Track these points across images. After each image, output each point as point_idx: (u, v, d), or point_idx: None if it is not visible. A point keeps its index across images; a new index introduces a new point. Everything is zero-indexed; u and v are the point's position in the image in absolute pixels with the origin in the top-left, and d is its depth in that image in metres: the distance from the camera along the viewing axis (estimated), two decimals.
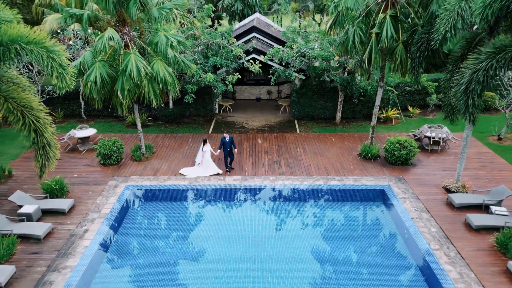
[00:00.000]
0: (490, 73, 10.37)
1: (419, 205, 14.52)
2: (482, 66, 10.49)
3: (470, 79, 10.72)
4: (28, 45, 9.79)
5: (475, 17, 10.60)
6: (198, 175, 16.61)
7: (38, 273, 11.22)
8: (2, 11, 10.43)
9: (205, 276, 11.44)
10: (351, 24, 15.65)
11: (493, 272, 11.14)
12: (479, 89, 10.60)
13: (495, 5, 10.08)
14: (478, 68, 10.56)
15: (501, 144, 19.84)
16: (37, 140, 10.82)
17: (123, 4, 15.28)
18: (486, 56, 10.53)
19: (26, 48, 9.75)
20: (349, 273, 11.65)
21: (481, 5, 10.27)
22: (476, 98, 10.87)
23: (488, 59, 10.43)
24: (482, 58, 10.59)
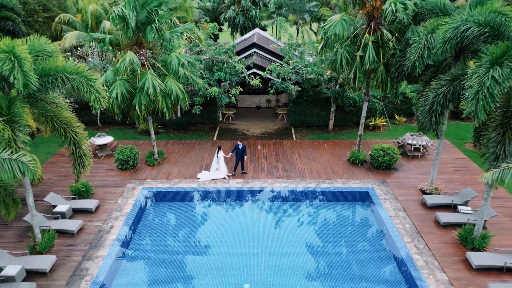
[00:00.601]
0: (448, 96, 12.65)
1: (397, 205, 16.80)
2: (442, 91, 12.77)
3: (433, 101, 13.00)
4: (72, 75, 12.06)
5: (437, 50, 12.87)
6: (213, 178, 18.84)
7: (75, 262, 13.50)
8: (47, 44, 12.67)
9: (211, 264, 13.73)
10: (340, 46, 17.92)
11: (454, 261, 13.42)
12: (439, 110, 12.89)
13: (453, 42, 12.35)
14: (438, 92, 12.84)
15: (476, 150, 22.08)
16: (76, 151, 13.09)
17: (141, 30, 17.56)
18: (445, 83, 12.81)
19: (70, 77, 12.03)
20: (336, 261, 13.95)
21: (441, 41, 12.53)
22: (438, 117, 13.15)
23: (447, 85, 12.72)
24: (442, 84, 12.88)
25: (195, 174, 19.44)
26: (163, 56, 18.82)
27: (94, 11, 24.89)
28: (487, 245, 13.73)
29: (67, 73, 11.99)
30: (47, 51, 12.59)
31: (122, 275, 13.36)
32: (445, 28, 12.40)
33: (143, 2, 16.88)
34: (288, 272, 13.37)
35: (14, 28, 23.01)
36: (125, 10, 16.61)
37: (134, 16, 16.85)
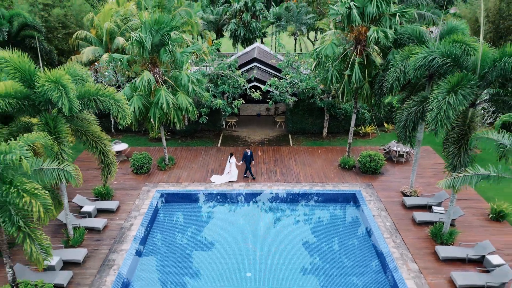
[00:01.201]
0: (418, 114, 15.04)
1: (380, 206, 19.19)
2: (413, 110, 15.17)
3: (406, 118, 15.39)
4: (103, 97, 14.45)
5: (410, 75, 15.26)
6: (226, 181, 21.21)
7: (103, 254, 15.90)
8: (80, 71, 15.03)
9: (217, 255, 16.12)
10: (331, 65, 20.29)
11: (424, 253, 15.80)
12: (412, 125, 15.28)
13: (422, 69, 14.73)
14: (411, 111, 15.23)
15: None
16: (104, 160, 15.47)
17: (155, 51, 19.93)
18: (416, 103, 15.20)
19: (102, 99, 14.41)
20: (325, 253, 16.34)
21: (412, 67, 14.90)
22: (411, 131, 15.54)
23: (417, 105, 15.11)
24: (414, 104, 15.27)
25: (202, 178, 21.83)
26: (173, 73, 21.21)
27: (109, 28, 27.25)
28: (454, 240, 16.13)
29: (99, 96, 14.38)
30: (81, 76, 14.96)
31: (143, 265, 15.77)
32: (416, 57, 14.77)
33: (157, 27, 19.25)
34: (284, 263, 15.76)
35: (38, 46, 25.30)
36: (142, 35, 18.97)
37: (150, 39, 19.23)
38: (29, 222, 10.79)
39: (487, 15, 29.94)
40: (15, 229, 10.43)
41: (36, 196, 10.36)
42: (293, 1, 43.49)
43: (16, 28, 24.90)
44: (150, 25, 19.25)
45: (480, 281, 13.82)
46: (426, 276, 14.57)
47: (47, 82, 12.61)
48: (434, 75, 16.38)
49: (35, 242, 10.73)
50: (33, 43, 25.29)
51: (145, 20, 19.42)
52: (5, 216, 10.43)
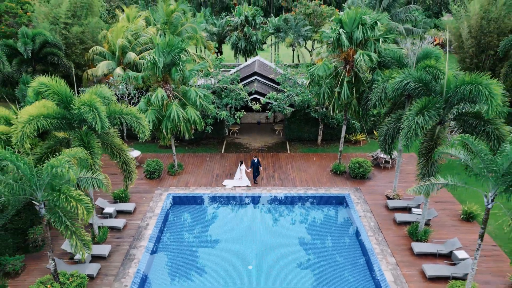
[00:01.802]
0: (396, 130, 17.55)
1: (366, 208, 21.72)
2: (391, 126, 17.69)
3: (385, 133, 17.92)
4: (126, 115, 16.96)
5: (389, 95, 17.78)
6: (236, 185, 23.69)
7: (124, 249, 18.42)
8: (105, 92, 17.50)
9: (222, 250, 18.64)
10: (323, 81, 22.79)
11: (402, 249, 18.32)
12: (390, 139, 17.80)
13: (398, 91, 17.24)
14: (389, 127, 17.76)
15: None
16: (126, 169, 17.98)
17: (167, 70, 22.43)
18: (393, 120, 17.73)
19: (125, 117, 16.92)
20: (317, 248, 18.87)
21: (391, 89, 17.41)
22: (390, 144, 18.06)
23: (394, 122, 17.63)
24: (392, 121, 17.79)
25: (208, 182, 24.35)
26: (182, 88, 23.73)
27: (122, 44, 29.76)
28: (428, 237, 18.64)
29: (123, 114, 16.91)
30: (107, 97, 17.46)
31: (158, 258, 18.30)
32: (394, 81, 17.29)
33: (169, 49, 21.75)
34: (280, 256, 18.28)
35: (59, 62, 27.89)
36: (156, 57, 21.47)
37: (162, 60, 21.73)
38: (73, 222, 13.30)
39: (469, 31, 32.46)
40: (63, 227, 12.95)
41: (80, 201, 12.89)
42: (292, 14, 46.03)
43: (38, 45, 27.37)
44: (162, 47, 21.74)
45: (447, 272, 16.34)
46: (402, 268, 17.10)
47: (83, 105, 15.12)
48: (410, 95, 18.90)
49: (79, 238, 13.25)
50: (54, 59, 27.78)
51: (158, 43, 21.90)
52: (55, 217, 12.95)
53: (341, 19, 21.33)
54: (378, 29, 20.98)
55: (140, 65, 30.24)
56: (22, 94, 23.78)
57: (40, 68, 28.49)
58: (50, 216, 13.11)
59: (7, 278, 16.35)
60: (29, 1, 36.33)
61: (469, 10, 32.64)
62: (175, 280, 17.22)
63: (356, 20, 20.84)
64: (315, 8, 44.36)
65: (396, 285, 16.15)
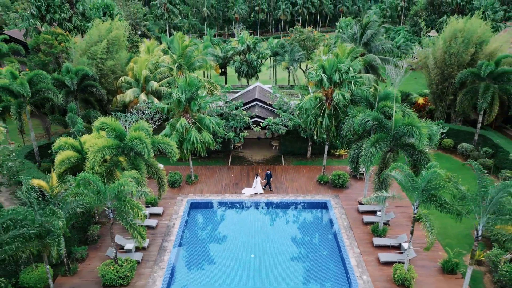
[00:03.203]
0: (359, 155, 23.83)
1: (342, 211, 28.02)
2: (356, 152, 23.98)
3: (352, 156, 24.21)
4: (161, 144, 23.21)
5: (355, 128, 24.07)
6: (252, 193, 29.89)
7: (158, 242, 24.71)
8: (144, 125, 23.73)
9: (230, 243, 24.96)
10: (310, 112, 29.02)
11: (365, 242, 24.60)
12: (356, 162, 24.09)
13: (362, 127, 23.54)
14: (354, 152, 24.05)
15: None
16: (160, 183, 24.24)
17: (187, 103, 28.69)
18: (357, 147, 24.01)
19: (162, 145, 23.19)
20: (301, 242, 25.20)
21: (356, 124, 23.70)
22: (356, 164, 24.34)
23: (358, 149, 23.91)
24: (357, 148, 24.07)
25: (218, 190, 30.62)
26: (198, 116, 30.02)
27: (145, 75, 36.04)
28: (385, 234, 24.93)
29: (160, 143, 23.22)
30: (146, 129, 23.73)
31: (184, 249, 24.61)
32: (358, 118, 23.57)
33: (189, 88, 28.02)
34: (275, 247, 24.60)
35: (96, 92, 34.19)
36: (179, 94, 27.72)
37: (184, 96, 27.99)
38: (134, 221, 19.60)
39: (435, 63, 38.78)
40: (128, 225, 19.24)
41: (139, 208, 19.20)
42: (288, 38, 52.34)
43: (80, 78, 33.62)
44: (184, 86, 28.05)
45: (394, 259, 22.62)
46: (363, 256, 23.40)
47: (135, 139, 21.42)
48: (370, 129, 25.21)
49: (139, 233, 19.54)
50: (92, 90, 34.09)
51: (180, 83, 28.18)
52: (122, 218, 19.25)
53: (323, 65, 27.65)
54: (351, 73, 27.31)
55: (161, 92, 36.57)
56: (71, 120, 30.01)
57: (80, 97, 34.78)
58: (118, 218, 19.41)
59: (77, 262, 22.63)
60: (62, 33, 42.60)
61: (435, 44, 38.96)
62: (197, 264, 23.54)
63: (334, 66, 27.15)
64: (308, 34, 50.67)
65: (358, 268, 22.46)
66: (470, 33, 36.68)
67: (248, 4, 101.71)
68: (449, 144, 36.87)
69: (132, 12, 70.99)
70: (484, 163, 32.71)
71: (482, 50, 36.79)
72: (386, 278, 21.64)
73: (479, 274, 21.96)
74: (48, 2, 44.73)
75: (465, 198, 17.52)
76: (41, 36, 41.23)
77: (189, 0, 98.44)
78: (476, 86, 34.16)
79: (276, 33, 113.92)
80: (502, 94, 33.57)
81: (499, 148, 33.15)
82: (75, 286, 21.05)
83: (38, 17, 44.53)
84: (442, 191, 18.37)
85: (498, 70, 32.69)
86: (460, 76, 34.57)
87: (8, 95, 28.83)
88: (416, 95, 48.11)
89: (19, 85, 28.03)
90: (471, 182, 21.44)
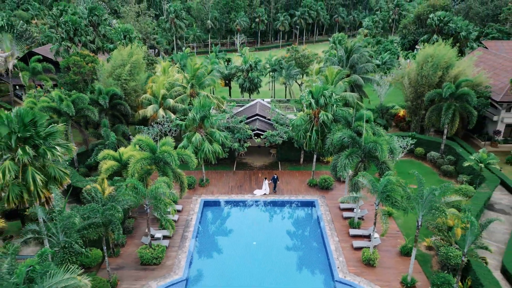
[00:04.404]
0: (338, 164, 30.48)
1: (327, 208, 34.65)
2: (336, 161, 30.61)
3: (333, 164, 30.85)
4: (184, 155, 29.82)
5: (335, 144, 30.70)
6: (262, 194, 36.47)
7: (180, 233, 31.35)
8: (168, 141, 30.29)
9: (236, 233, 31.62)
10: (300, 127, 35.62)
11: (343, 233, 31.23)
12: (336, 168, 30.70)
13: (340, 142, 30.18)
14: (335, 161, 30.68)
15: None
16: (182, 186, 30.84)
17: (201, 120, 35.30)
18: (337, 158, 30.64)
19: (184, 156, 29.80)
20: (293, 231, 31.89)
21: (335, 140, 30.34)
22: (335, 171, 30.95)
23: (337, 159, 30.54)
24: (336, 158, 30.71)
25: (226, 192, 37.22)
26: (209, 130, 36.64)
27: (163, 93, 42.66)
28: (359, 226, 31.57)
29: (183, 154, 29.87)
30: (170, 144, 30.34)
31: (200, 237, 31.27)
32: (336, 135, 30.19)
33: (203, 108, 34.63)
34: (272, 236, 31.24)
35: (123, 109, 40.82)
36: (195, 114, 34.31)
37: (198, 115, 34.58)
38: (167, 215, 26.24)
39: (410, 82, 45.42)
40: (162, 218, 25.87)
41: (171, 205, 25.85)
42: (285, 56, 59.03)
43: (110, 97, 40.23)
44: (198, 107, 34.67)
45: (364, 245, 29.25)
46: (341, 243, 30.02)
47: (165, 152, 28.04)
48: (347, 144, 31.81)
49: (170, 223, 26.16)
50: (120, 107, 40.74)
51: (195, 105, 34.79)
52: (157, 213, 25.87)
53: (311, 91, 34.30)
54: (334, 97, 33.97)
55: (176, 107, 43.17)
56: (106, 134, 36.58)
57: (109, 113, 41.36)
58: (154, 212, 26.01)
59: (119, 247, 29.25)
60: (89, 54, 49.23)
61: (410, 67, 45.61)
62: (210, 249, 30.17)
63: (320, 92, 33.79)
64: (303, 52, 57.34)
65: (336, 252, 29.07)
66: (438, 58, 43.31)
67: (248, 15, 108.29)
68: (420, 152, 43.53)
69: (143, 28, 77.69)
70: (446, 169, 39.47)
71: (448, 73, 43.39)
72: (357, 259, 28.29)
73: (429, 256, 28.61)
74: (76, 27, 51.33)
75: (409, 198, 24.13)
76: (71, 58, 47.84)
77: (193, 13, 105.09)
78: (441, 105, 40.74)
79: (276, 41, 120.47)
80: (462, 111, 40.17)
81: (460, 156, 39.79)
82: (120, 264, 27.70)
83: (67, 39, 51.11)
84: (394, 192, 24.98)
85: (458, 92, 39.28)
86: (428, 96, 41.23)
87: (56, 113, 35.44)
88: (398, 107, 54.76)
89: (66, 106, 34.66)
90: (435, 184, 28.45)
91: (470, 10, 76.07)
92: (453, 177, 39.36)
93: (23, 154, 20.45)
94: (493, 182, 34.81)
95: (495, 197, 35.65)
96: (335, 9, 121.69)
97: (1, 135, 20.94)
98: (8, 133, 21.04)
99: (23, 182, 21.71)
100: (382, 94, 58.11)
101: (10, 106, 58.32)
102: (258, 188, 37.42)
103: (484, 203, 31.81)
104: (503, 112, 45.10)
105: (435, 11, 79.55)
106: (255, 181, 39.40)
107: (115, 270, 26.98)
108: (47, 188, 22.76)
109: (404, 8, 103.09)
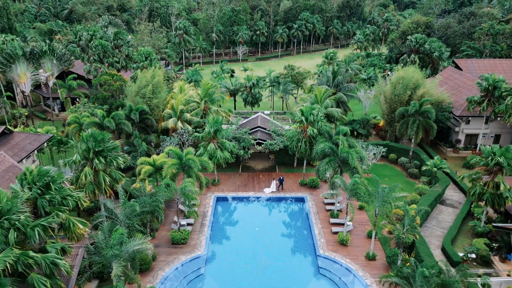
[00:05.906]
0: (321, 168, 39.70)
1: (313, 203, 43.91)
2: (319, 166, 39.86)
3: (318, 168, 40.08)
4: (204, 161, 39.07)
5: (319, 153, 39.96)
6: (269, 192, 45.67)
7: (199, 221, 40.71)
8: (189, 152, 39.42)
9: (242, 223, 40.92)
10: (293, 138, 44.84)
11: (326, 221, 40.50)
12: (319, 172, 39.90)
13: (322, 151, 39.44)
14: (318, 167, 39.92)
15: (368, 176, 49.03)
16: (201, 185, 40.02)
17: (214, 133, 44.50)
18: (320, 163, 39.87)
19: (203, 162, 39.00)
20: (286, 220, 41.22)
21: (320, 150, 39.59)
22: (319, 174, 40.14)
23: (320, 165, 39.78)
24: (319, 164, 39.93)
25: (233, 190, 46.47)
26: (221, 140, 45.87)
27: (181, 109, 51.92)
28: (338, 216, 40.83)
29: (203, 162, 39.19)
30: (192, 153, 39.57)
31: (215, 225, 40.57)
32: (319, 146, 39.44)
33: (216, 124, 43.83)
34: (270, 223, 40.54)
35: (150, 123, 50.10)
36: (210, 128, 43.53)
37: (212, 129, 43.81)
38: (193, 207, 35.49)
39: (385, 99, 54.68)
40: (190, 208, 35.10)
41: (195, 199, 35.15)
42: (283, 73, 68.33)
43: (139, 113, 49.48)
44: (212, 122, 43.90)
45: (340, 230, 38.51)
46: (323, 229, 39.28)
47: (189, 160, 37.29)
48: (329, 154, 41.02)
49: (195, 212, 35.40)
50: (148, 121, 50.04)
51: (209, 121, 44.04)
52: (186, 205, 35.13)
53: (302, 109, 43.59)
54: (320, 115, 43.25)
55: (192, 120, 52.38)
56: (138, 143, 45.73)
57: (138, 125, 50.55)
58: (184, 205, 35.25)
59: (154, 231, 38.48)
60: (116, 73, 58.45)
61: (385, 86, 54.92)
62: (223, 233, 39.45)
63: (309, 111, 43.05)
64: (298, 70, 66.63)
65: (319, 235, 38.32)
66: (408, 80, 52.56)
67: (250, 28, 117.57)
68: (393, 157, 52.81)
69: (156, 43, 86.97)
70: (412, 172, 48.77)
71: (415, 92, 52.63)
72: (334, 241, 37.56)
73: (388, 238, 37.91)
74: (104, 49, 60.59)
75: (370, 194, 33.39)
76: (102, 77, 57.09)
77: (200, 26, 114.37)
78: (408, 119, 50.00)
79: (275, 51, 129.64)
80: (425, 125, 49.44)
81: (423, 161, 49.05)
82: (156, 244, 36.96)
83: (98, 61, 60.38)
84: (359, 190, 34.24)
85: (422, 109, 48.52)
86: (398, 112, 50.49)
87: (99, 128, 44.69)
88: (380, 117, 63.99)
89: (108, 121, 43.93)
90: (403, 183, 37.73)
91: (448, 29, 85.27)
92: (417, 178, 48.62)
93: (99, 163, 29.72)
94: (445, 183, 44.04)
95: (448, 194, 45.01)
96: (330, 21, 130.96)
97: (82, 149, 30.20)
98: (86, 148, 30.31)
99: (95, 182, 30.99)
100: (367, 106, 67.47)
101: (44, 116, 67.78)
102: (266, 187, 46.63)
103: (434, 198, 41.06)
104: (463, 124, 54.39)
105: (418, 27, 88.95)
106: (257, 181, 48.64)
107: (154, 248, 36.27)
108: (111, 187, 32.03)
109: (392, 23, 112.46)
